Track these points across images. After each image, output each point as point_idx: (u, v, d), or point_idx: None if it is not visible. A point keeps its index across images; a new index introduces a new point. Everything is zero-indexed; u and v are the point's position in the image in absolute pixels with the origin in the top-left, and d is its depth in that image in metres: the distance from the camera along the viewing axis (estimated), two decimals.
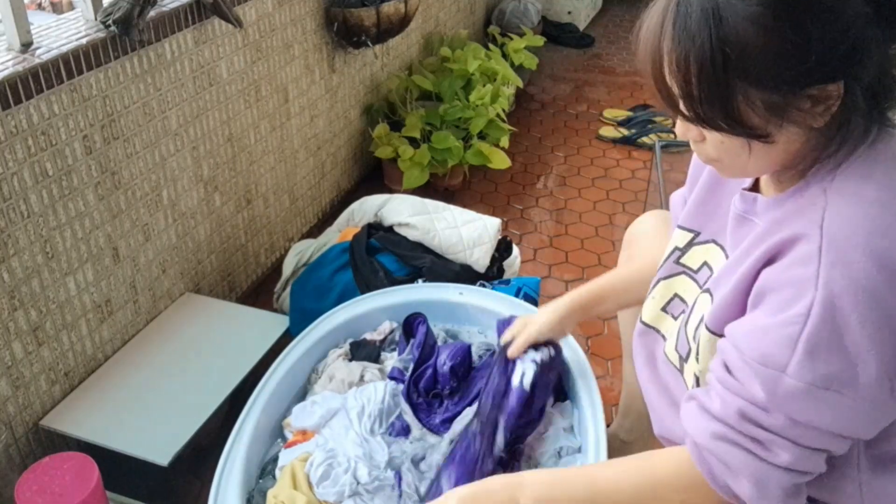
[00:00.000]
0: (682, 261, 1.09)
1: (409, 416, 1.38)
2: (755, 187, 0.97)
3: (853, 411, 0.79)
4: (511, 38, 3.41)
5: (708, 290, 0.98)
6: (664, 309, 1.12)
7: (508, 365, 1.32)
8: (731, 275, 0.90)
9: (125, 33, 1.54)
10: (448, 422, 1.37)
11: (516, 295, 1.72)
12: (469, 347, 1.49)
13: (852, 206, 0.80)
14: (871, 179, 0.81)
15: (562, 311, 1.31)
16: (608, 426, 1.40)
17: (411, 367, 1.45)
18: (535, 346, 1.32)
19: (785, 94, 0.78)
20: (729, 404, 0.85)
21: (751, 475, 0.84)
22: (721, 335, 0.91)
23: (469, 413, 1.34)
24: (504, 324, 1.43)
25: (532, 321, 1.34)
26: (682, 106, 0.83)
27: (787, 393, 0.80)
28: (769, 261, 0.85)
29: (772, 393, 0.81)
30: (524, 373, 1.29)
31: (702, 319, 0.96)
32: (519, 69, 3.32)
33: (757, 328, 0.83)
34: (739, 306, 0.89)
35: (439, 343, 1.54)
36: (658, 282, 1.13)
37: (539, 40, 3.48)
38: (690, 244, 1.09)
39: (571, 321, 1.33)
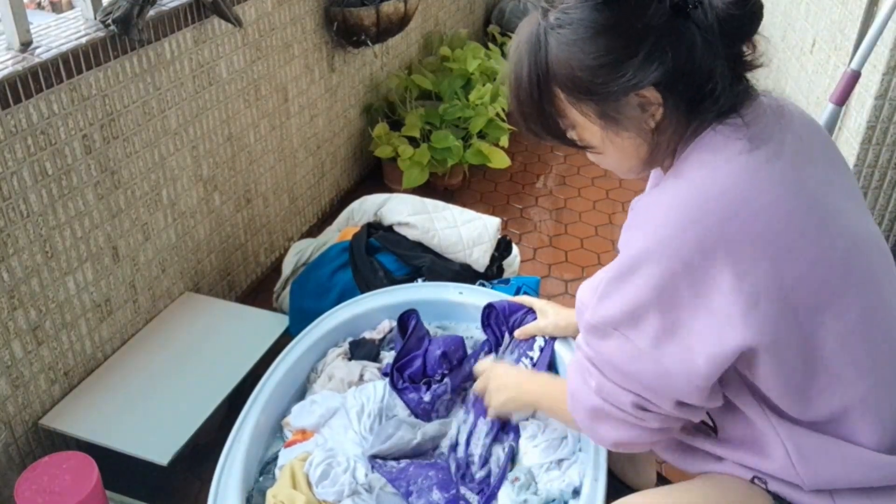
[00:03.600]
0: None
1: (399, 404, 1.40)
2: None
3: (634, 355, 0.92)
4: (511, 38, 3.40)
5: None
6: None
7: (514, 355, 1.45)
8: None
9: (125, 32, 1.54)
10: (439, 398, 1.39)
11: (516, 294, 1.72)
12: (462, 339, 1.50)
13: (667, 187, 0.91)
14: (692, 167, 0.90)
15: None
16: None
17: (395, 354, 1.47)
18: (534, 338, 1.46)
19: (607, 103, 0.89)
20: (577, 338, 1.06)
21: (571, 387, 1.06)
22: None
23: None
24: (488, 311, 1.53)
25: (547, 315, 1.47)
26: (521, 123, 0.98)
27: (586, 326, 0.98)
28: None
29: (582, 327, 1.00)
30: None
31: None
32: None
33: (588, 281, 1.06)
34: None
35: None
36: None
37: None
38: None
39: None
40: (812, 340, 0.89)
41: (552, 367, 1.46)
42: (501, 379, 1.30)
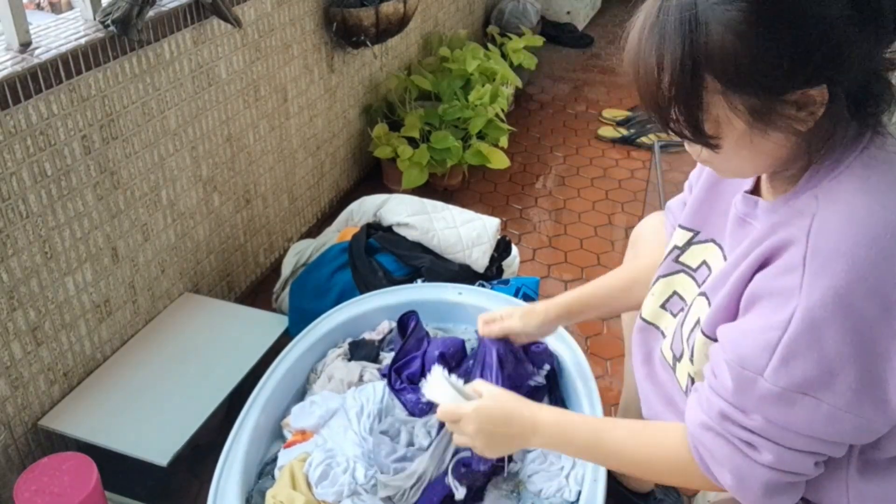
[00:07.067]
0: (681, 259, 1.10)
1: (398, 405, 1.39)
2: (756, 190, 0.98)
3: (832, 417, 0.80)
4: (510, 38, 3.41)
5: (704, 294, 0.99)
6: (663, 306, 1.13)
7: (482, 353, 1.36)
8: (727, 279, 0.91)
9: (124, 33, 1.54)
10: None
11: (515, 295, 1.72)
12: (462, 341, 1.50)
13: (841, 214, 0.80)
14: (863, 187, 0.81)
15: (551, 316, 1.33)
16: None
17: (393, 355, 1.46)
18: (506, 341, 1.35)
19: (766, 98, 0.78)
20: (713, 404, 0.89)
21: (733, 468, 0.88)
22: (715, 339, 0.92)
23: None
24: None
25: (517, 317, 1.34)
26: (653, 111, 0.85)
27: (762, 396, 0.82)
28: (761, 266, 0.86)
29: (749, 395, 0.84)
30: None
31: (697, 323, 0.97)
32: (518, 69, 3.32)
33: (740, 332, 0.85)
34: (732, 311, 0.90)
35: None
36: (658, 279, 1.14)
37: (538, 40, 3.48)
38: (689, 243, 1.10)
39: (555, 326, 1.36)
40: None
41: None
42: (494, 430, 1.08)
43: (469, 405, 1.09)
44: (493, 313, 1.37)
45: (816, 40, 0.75)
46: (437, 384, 1.16)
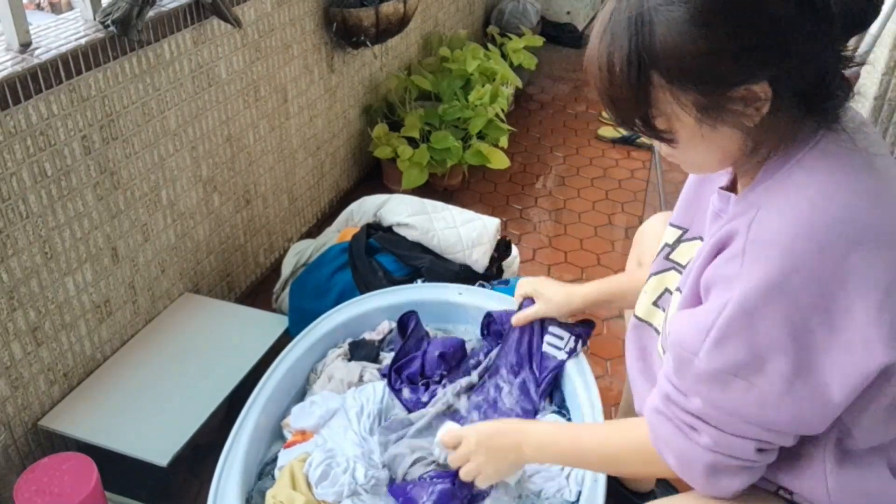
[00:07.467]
0: (671, 257, 1.12)
1: (398, 404, 1.39)
2: (734, 186, 0.99)
3: (764, 402, 0.83)
4: (510, 38, 3.41)
5: (679, 289, 1.00)
6: (656, 303, 1.15)
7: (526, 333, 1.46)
8: (691, 272, 0.94)
9: (124, 33, 1.54)
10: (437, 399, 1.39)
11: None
12: (462, 341, 1.50)
13: (782, 205, 0.82)
14: (808, 180, 0.82)
15: (576, 304, 1.42)
16: None
17: (393, 355, 1.47)
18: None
19: (711, 94, 0.81)
20: (661, 387, 0.93)
21: (675, 450, 0.92)
22: None
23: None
24: (487, 321, 1.53)
25: (544, 299, 1.44)
26: (608, 108, 0.88)
27: (696, 376, 0.86)
28: (713, 257, 0.89)
29: (686, 375, 0.88)
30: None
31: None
32: (518, 69, 3.32)
33: (687, 316, 0.89)
34: (695, 303, 0.92)
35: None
36: (650, 277, 1.15)
37: (538, 40, 3.48)
38: (679, 241, 1.11)
39: (579, 312, 1.44)
40: None
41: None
42: (491, 442, 1.15)
43: (467, 427, 1.20)
44: (526, 313, 1.46)
45: (757, 38, 0.77)
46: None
